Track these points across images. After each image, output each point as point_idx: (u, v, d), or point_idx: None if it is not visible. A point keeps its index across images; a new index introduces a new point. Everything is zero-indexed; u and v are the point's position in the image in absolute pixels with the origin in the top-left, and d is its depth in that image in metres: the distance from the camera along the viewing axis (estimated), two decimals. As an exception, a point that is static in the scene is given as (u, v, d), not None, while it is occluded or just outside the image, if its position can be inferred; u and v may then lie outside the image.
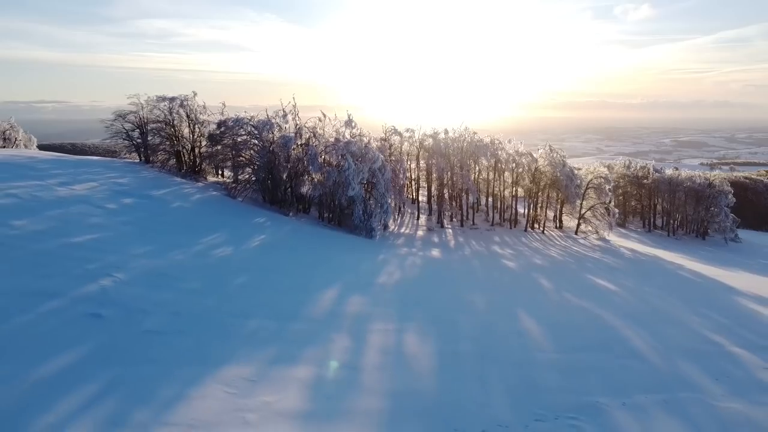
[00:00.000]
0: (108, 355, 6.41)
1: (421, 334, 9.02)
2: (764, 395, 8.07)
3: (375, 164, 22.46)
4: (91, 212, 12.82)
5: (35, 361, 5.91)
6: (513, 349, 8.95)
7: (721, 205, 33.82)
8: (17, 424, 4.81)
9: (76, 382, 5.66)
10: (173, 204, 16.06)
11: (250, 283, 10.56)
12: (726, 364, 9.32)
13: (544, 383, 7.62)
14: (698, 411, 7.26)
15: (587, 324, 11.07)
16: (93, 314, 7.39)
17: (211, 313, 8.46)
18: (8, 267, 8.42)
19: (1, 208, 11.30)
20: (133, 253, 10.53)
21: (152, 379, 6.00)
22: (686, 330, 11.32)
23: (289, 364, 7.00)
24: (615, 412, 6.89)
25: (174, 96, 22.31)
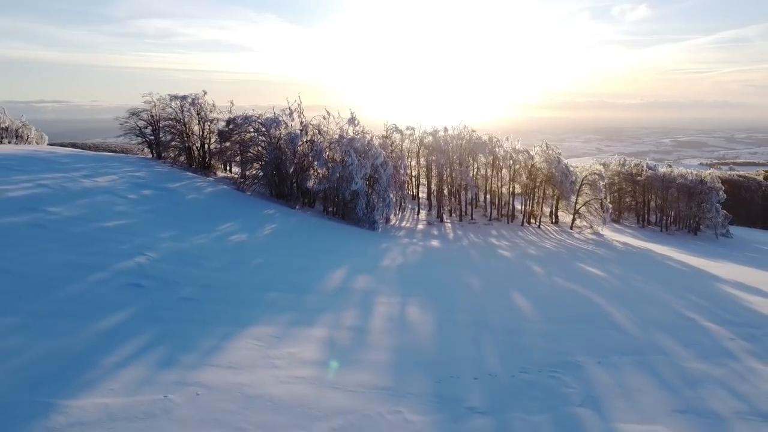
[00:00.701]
0: (152, 315, 7.44)
1: (421, 306, 10.05)
2: (726, 359, 9.08)
3: (377, 160, 23.48)
4: (116, 201, 13.84)
5: (94, 317, 6.94)
6: (504, 320, 9.97)
7: (712, 202, 34.86)
8: (88, 362, 5.82)
9: (130, 334, 6.68)
10: (188, 196, 17.08)
11: (266, 263, 11.59)
12: (697, 335, 10.34)
13: (530, 346, 8.64)
14: (665, 369, 8.28)
15: (573, 301, 12.10)
16: (134, 284, 8.42)
17: (234, 286, 9.49)
18: (55, 245, 9.45)
19: (36, 197, 12.32)
20: (159, 237, 11.56)
21: (193, 333, 7.03)
22: (665, 308, 12.34)
23: (306, 326, 8.03)
24: (591, 368, 7.90)
25: (185, 95, 23.35)
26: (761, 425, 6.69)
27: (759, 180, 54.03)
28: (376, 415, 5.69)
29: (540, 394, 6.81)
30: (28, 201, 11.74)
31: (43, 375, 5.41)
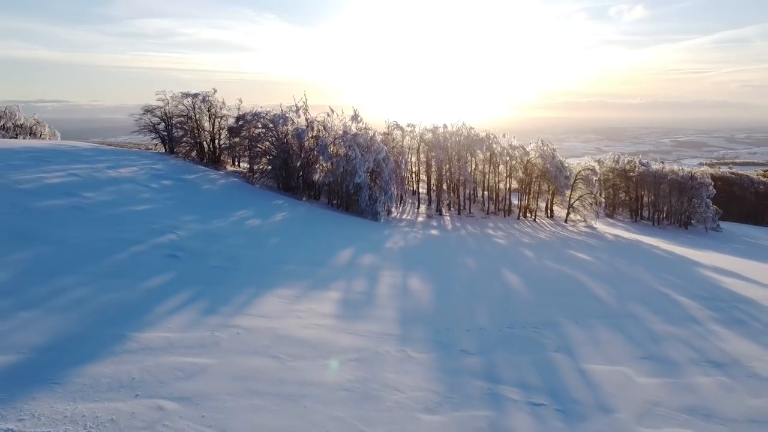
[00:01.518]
0: (190, 278, 8.64)
1: (422, 279, 11.25)
2: (691, 323, 10.28)
3: (379, 155, 24.67)
4: (140, 189, 15.02)
5: (143, 278, 8.14)
6: (496, 292, 11.17)
7: (702, 197, 36.07)
8: (145, 310, 7.02)
9: (175, 291, 7.88)
10: (204, 186, 18.27)
11: (282, 243, 12.78)
12: (668, 306, 11.53)
13: (517, 310, 9.84)
14: (634, 329, 9.47)
15: (559, 279, 13.29)
16: (170, 255, 9.62)
17: (256, 259, 10.69)
18: (96, 224, 10.63)
19: (70, 184, 13.51)
20: (183, 220, 12.75)
21: (227, 292, 8.23)
22: (643, 285, 13.53)
23: (322, 290, 9.23)
24: (568, 326, 9.10)
25: (197, 93, 24.54)
26: (710, 369, 7.90)
27: (751, 177, 55.20)
28: (385, 352, 6.89)
29: (522, 343, 8.01)
30: (64, 187, 12.93)
31: (113, 317, 6.60)
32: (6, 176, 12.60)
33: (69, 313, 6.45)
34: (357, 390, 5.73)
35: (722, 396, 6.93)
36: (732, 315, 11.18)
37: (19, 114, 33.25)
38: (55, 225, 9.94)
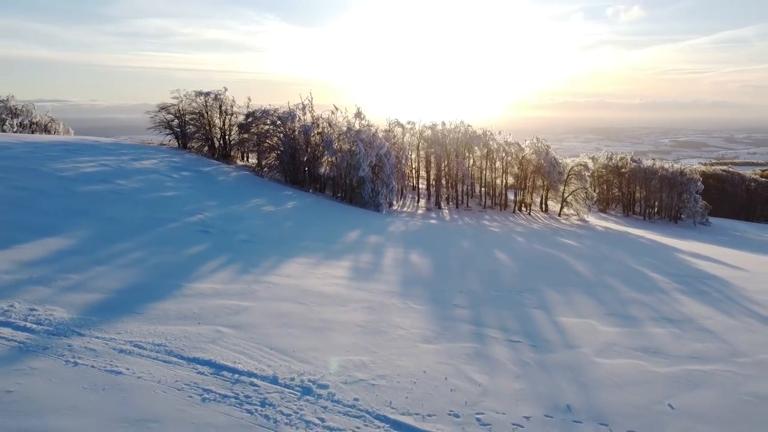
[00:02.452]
0: (223, 247, 10.07)
1: (421, 254, 12.67)
2: (658, 292, 11.69)
3: (381, 150, 26.08)
4: (164, 179, 16.44)
5: (184, 247, 9.56)
6: (486, 265, 12.59)
7: (691, 192, 37.51)
8: (191, 268, 8.44)
9: (212, 257, 9.31)
10: (219, 177, 19.69)
11: (295, 225, 14.21)
12: (640, 279, 12.95)
13: (504, 280, 11.26)
14: (605, 295, 10.89)
15: (545, 259, 14.71)
16: (202, 231, 11.04)
17: (275, 237, 12.12)
18: (133, 206, 12.07)
19: (104, 173, 14.94)
20: (207, 204, 14.17)
21: (255, 259, 9.65)
22: (621, 264, 14.95)
23: (335, 260, 10.67)
24: (548, 291, 10.52)
25: (209, 91, 25.96)
26: (665, 323, 9.31)
27: (743, 175, 56.64)
28: (390, 304, 8.31)
29: (506, 302, 9.43)
30: (99, 175, 14.35)
31: (168, 272, 8.03)
32: (48, 165, 14.03)
33: (133, 269, 7.88)
34: (369, 327, 7.15)
35: (671, 341, 8.34)
36: (696, 288, 12.60)
37: (35, 112, 34.69)
38: (101, 205, 11.37)
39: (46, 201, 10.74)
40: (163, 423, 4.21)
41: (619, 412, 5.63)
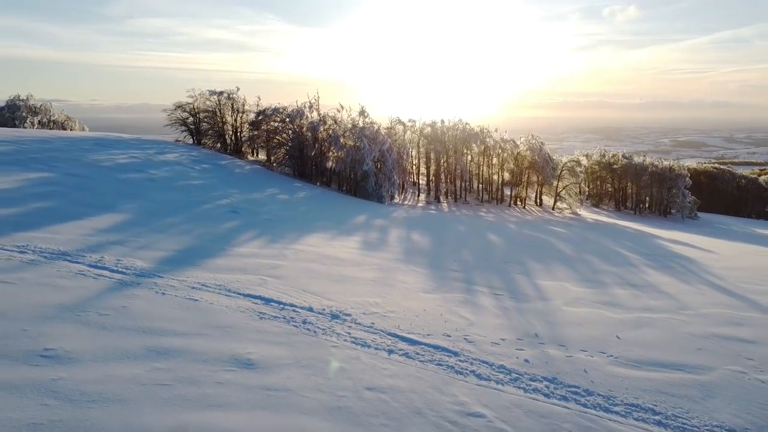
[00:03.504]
0: (251, 224, 11.73)
1: (421, 234, 14.34)
2: (628, 266, 13.34)
3: (384, 146, 27.75)
4: (187, 170, 18.10)
5: (219, 222, 11.23)
6: (479, 244, 14.25)
7: (679, 187, 39.16)
8: (230, 238, 10.09)
9: (244, 230, 10.97)
10: (235, 170, 21.36)
11: (309, 210, 15.89)
12: (616, 257, 14.60)
13: (494, 255, 12.91)
14: (582, 267, 12.54)
15: (533, 241, 16.37)
16: (232, 211, 12.71)
17: (293, 218, 13.79)
18: (168, 191, 13.73)
19: (135, 164, 16.60)
20: (229, 191, 15.84)
21: (280, 232, 11.31)
22: (601, 246, 16.61)
23: (347, 236, 12.33)
24: (531, 263, 12.17)
25: (222, 90, 27.66)
26: (628, 287, 10.95)
27: (733, 172, 58.28)
28: (396, 267, 9.97)
29: (494, 269, 11.09)
30: (133, 166, 16.01)
31: (212, 240, 9.69)
32: (87, 157, 15.69)
33: (184, 236, 9.55)
34: (379, 281, 8.81)
35: (630, 298, 9.99)
36: (665, 264, 14.26)
37: (53, 111, 36.35)
38: (143, 190, 13.04)
39: (97, 185, 12.41)
40: (236, 329, 5.87)
41: (576, 340, 7.28)
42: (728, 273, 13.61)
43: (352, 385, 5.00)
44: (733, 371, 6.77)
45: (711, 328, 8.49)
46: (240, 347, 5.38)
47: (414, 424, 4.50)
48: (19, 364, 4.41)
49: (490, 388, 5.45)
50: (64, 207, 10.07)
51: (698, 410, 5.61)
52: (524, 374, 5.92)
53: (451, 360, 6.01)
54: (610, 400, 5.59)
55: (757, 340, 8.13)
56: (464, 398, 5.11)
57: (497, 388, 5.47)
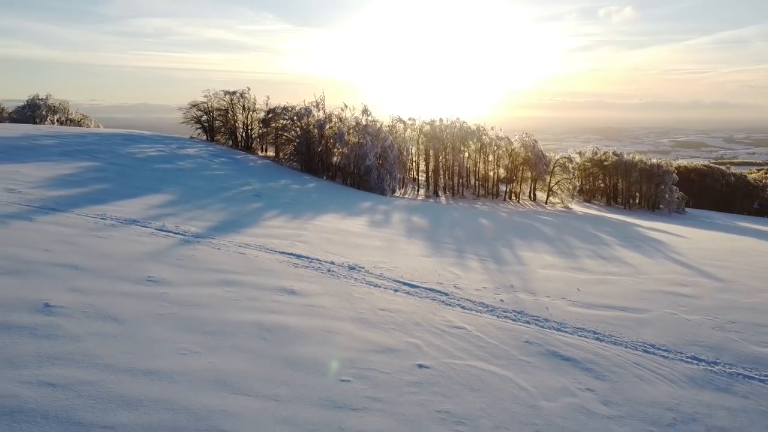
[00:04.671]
0: (273, 206, 13.56)
1: (420, 217, 16.19)
2: (602, 245, 15.17)
3: (386, 142, 29.59)
4: (208, 162, 19.94)
5: (245, 204, 13.06)
6: (471, 226, 16.10)
7: (667, 182, 41.04)
8: (257, 216, 11.92)
9: (267, 210, 12.81)
10: (249, 163, 23.21)
11: (320, 197, 17.74)
12: (593, 239, 16.43)
13: (484, 234, 14.76)
14: (561, 245, 14.37)
15: (521, 225, 18.21)
16: (255, 195, 14.55)
17: (308, 202, 15.64)
18: (197, 179, 15.58)
19: (163, 156, 18.43)
20: (248, 181, 17.67)
21: (299, 213, 13.16)
22: (583, 231, 18.45)
23: (355, 217, 14.19)
24: (516, 240, 14.01)
25: (234, 90, 29.52)
26: (597, 258, 12.78)
27: (722, 170, 60.18)
28: (398, 239, 11.82)
29: (483, 243, 12.94)
30: (162, 158, 17.84)
31: (243, 216, 11.54)
32: (121, 149, 17.53)
33: (221, 212, 11.40)
34: (385, 248, 10.65)
35: (596, 266, 11.82)
36: (636, 245, 16.10)
37: (70, 109, 38.17)
38: (176, 177, 14.88)
39: (137, 173, 14.25)
40: (278, 272, 7.70)
41: (543, 290, 9.11)
42: (691, 252, 15.44)
43: (369, 307, 6.84)
44: (667, 312, 8.61)
45: (659, 287, 10.33)
46: (284, 282, 7.22)
47: (414, 330, 6.34)
48: (135, 284, 6.25)
49: (471, 314, 7.30)
50: (119, 188, 11.91)
51: (630, 334, 7.46)
52: (498, 308, 7.76)
53: (442, 297, 7.86)
54: (562, 326, 7.43)
55: (696, 296, 9.98)
56: (451, 318, 6.95)
57: (477, 314, 7.32)
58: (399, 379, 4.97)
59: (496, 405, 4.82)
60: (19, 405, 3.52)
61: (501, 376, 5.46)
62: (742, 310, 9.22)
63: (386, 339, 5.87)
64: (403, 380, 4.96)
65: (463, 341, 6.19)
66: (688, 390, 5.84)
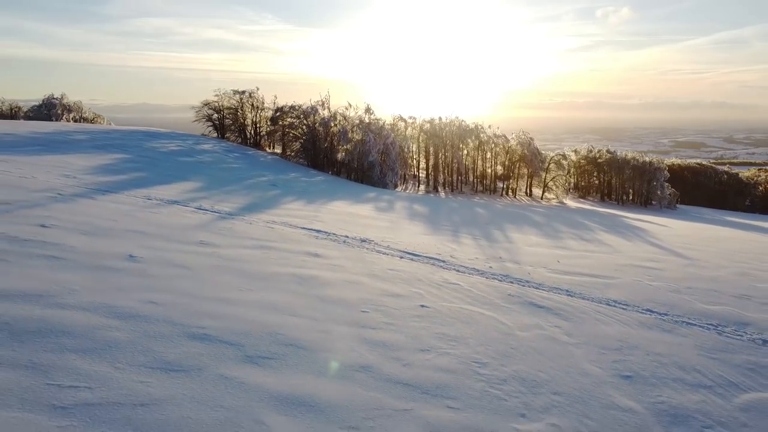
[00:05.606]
0: (289, 192, 15.04)
1: (421, 206, 17.68)
2: (586, 230, 16.64)
3: (388, 139, 31.07)
4: (223, 157, 21.42)
5: (265, 191, 14.54)
6: (468, 214, 17.58)
7: (659, 179, 42.55)
8: (279, 201, 13.40)
9: (285, 196, 14.29)
10: (260, 159, 24.70)
11: (329, 188, 19.23)
12: (578, 225, 17.88)
13: (479, 220, 16.24)
14: (547, 228, 15.85)
15: (514, 214, 19.70)
16: (272, 185, 16.03)
17: (319, 191, 17.13)
18: (217, 170, 17.05)
19: (183, 150, 19.91)
20: (263, 173, 19.15)
21: (313, 199, 14.64)
22: (571, 220, 19.93)
23: (362, 204, 15.67)
24: (507, 225, 15.48)
25: (244, 90, 31.02)
26: (581, 240, 14.25)
27: (715, 168, 61.68)
28: (402, 221, 13.30)
29: (477, 227, 14.41)
30: (182, 152, 19.32)
31: (266, 201, 13.00)
32: (145, 144, 19.01)
33: (245, 197, 12.89)
34: (390, 227, 12.14)
35: (577, 245, 13.29)
36: (618, 230, 17.58)
37: (84, 108, 39.66)
38: (199, 168, 16.37)
39: (165, 164, 15.73)
40: (302, 242, 9.18)
41: (527, 261, 10.59)
42: (669, 238, 16.93)
43: (379, 267, 8.32)
44: (633, 280, 10.08)
45: (631, 262, 11.81)
46: (309, 248, 8.71)
47: (417, 284, 7.81)
48: (191, 245, 7.73)
49: (465, 275, 8.78)
50: (154, 176, 13.40)
51: (597, 293, 8.92)
52: (487, 272, 9.24)
53: (440, 263, 9.34)
54: (540, 285, 8.90)
55: (662, 269, 11.44)
56: (447, 277, 8.43)
57: (469, 275, 8.80)
58: (406, 313, 6.44)
59: (481, 332, 6.29)
60: (137, 313, 5.00)
61: (487, 315, 6.94)
62: (701, 280, 10.68)
63: (395, 288, 7.35)
64: (410, 314, 6.44)
65: (457, 292, 7.67)
66: (637, 330, 7.31)
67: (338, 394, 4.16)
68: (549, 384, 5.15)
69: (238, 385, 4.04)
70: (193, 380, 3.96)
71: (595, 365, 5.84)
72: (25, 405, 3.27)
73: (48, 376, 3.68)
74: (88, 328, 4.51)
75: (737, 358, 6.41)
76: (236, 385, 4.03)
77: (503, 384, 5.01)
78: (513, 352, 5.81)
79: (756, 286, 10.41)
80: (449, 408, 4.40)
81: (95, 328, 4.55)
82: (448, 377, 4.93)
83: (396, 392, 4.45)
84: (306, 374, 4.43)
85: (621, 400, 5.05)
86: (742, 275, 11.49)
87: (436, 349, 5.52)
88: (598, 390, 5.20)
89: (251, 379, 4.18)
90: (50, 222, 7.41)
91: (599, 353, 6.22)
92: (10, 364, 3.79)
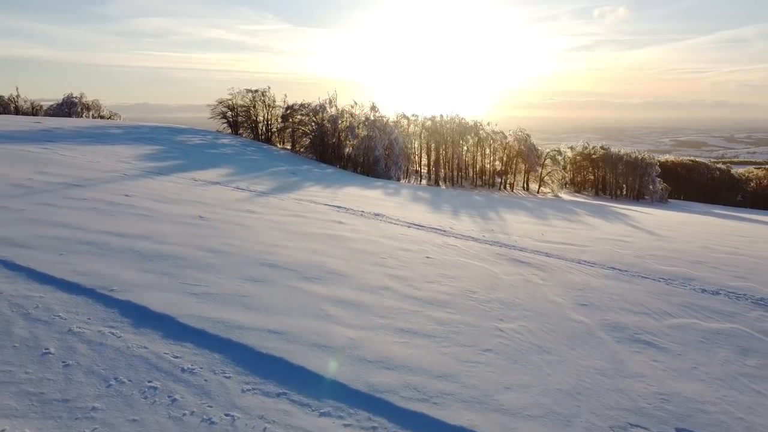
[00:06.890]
0: (308, 179, 16.92)
1: (424, 194, 19.53)
2: (573, 215, 18.49)
3: (392, 135, 32.94)
4: (242, 150, 23.30)
5: (286, 178, 16.41)
6: (467, 201, 19.45)
7: (650, 174, 44.39)
8: (299, 186, 15.28)
9: (305, 182, 16.17)
10: (274, 152, 26.58)
11: (339, 177, 21.10)
12: (567, 212, 19.73)
13: (477, 204, 18.10)
14: (538, 212, 17.71)
15: (509, 202, 21.56)
16: (291, 173, 17.90)
17: (331, 179, 18.99)
18: (241, 161, 18.91)
19: (206, 144, 21.79)
20: (279, 164, 21.01)
21: (329, 184, 16.51)
22: (561, 207, 21.77)
23: (371, 190, 17.54)
24: (501, 208, 17.35)
25: (256, 89, 32.88)
26: (565, 220, 16.11)
27: (708, 164, 63.48)
28: (407, 204, 15.17)
29: (474, 210, 16.27)
30: (206, 145, 21.20)
31: (290, 185, 14.88)
32: (173, 138, 20.89)
33: (272, 182, 14.77)
34: (399, 208, 14.01)
35: (562, 224, 15.14)
36: (602, 215, 19.42)
37: (102, 106, 41.54)
38: (225, 159, 18.25)
39: (196, 154, 17.61)
40: (327, 213, 11.05)
41: (516, 233, 12.45)
42: (648, 222, 18.75)
43: (392, 233, 10.20)
44: (606, 248, 11.93)
45: (607, 236, 13.65)
46: (333, 218, 10.59)
47: (423, 244, 9.67)
48: (242, 212, 9.60)
49: (462, 240, 10.65)
50: (191, 163, 15.29)
51: (571, 255, 10.77)
52: (481, 239, 11.11)
53: (441, 232, 11.21)
54: (525, 249, 10.76)
55: (633, 242, 13.27)
56: (447, 241, 10.31)
57: (465, 240, 10.67)
58: (416, 260, 8.31)
59: (474, 275, 8.16)
60: (220, 249, 6.86)
61: (478, 265, 8.80)
62: (665, 251, 12.49)
63: (406, 245, 9.22)
64: (418, 261, 8.31)
65: (455, 251, 9.54)
66: (599, 280, 9.15)
67: (372, 300, 6.03)
68: (522, 305, 7.00)
69: (302, 291, 5.92)
70: (270, 287, 5.85)
71: (560, 297, 7.68)
72: (173, 291, 5.17)
73: (179, 280, 5.58)
74: (192, 256, 6.41)
75: (677, 299, 8.24)
76: (301, 291, 5.92)
77: (488, 303, 6.86)
78: (497, 287, 7.66)
79: (712, 255, 12.24)
80: (448, 312, 6.26)
81: (196, 257, 6.44)
82: (448, 297, 6.79)
83: (410, 302, 6.31)
84: (348, 289, 6.30)
85: (575, 317, 6.89)
86: (703, 248, 13.32)
87: (439, 282, 7.38)
88: (558, 310, 7.05)
89: (311, 289, 6.06)
90: (130, 192, 9.29)
91: (565, 291, 8.06)
92: (152, 272, 5.68)
